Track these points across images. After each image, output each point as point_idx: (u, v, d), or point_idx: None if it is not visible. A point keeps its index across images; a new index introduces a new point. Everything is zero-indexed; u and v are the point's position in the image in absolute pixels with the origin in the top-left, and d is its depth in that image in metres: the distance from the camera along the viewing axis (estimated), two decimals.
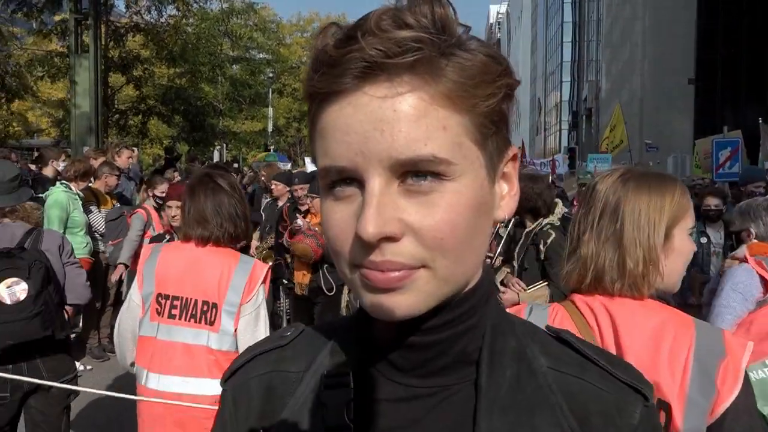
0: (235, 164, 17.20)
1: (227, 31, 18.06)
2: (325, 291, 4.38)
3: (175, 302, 2.30)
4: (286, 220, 4.54)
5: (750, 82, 32.90)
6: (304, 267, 4.64)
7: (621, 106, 14.13)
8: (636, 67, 43.39)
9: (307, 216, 4.66)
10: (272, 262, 5.62)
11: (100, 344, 6.04)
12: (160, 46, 16.66)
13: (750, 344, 1.14)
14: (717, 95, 33.00)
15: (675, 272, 1.27)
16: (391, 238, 0.53)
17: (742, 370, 1.11)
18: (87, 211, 5.82)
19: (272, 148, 23.63)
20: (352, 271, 0.56)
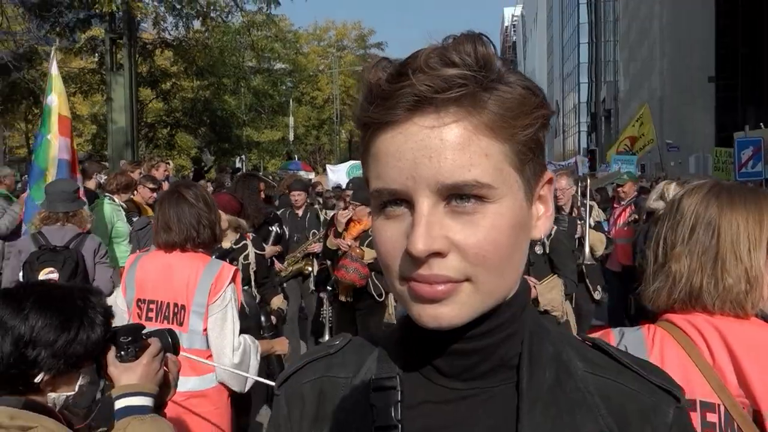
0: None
1: (250, 43, 18.47)
2: (375, 296, 4.65)
3: (151, 305, 2.54)
4: (335, 226, 4.80)
5: None
6: None
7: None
8: (655, 65, 43.02)
9: (351, 223, 4.88)
10: (317, 267, 5.87)
11: None
12: (188, 61, 17.17)
13: None
14: (738, 92, 32.52)
15: None
16: (438, 254, 0.58)
17: None
18: (131, 222, 6.15)
19: (296, 156, 24.03)
20: (401, 283, 0.61)
